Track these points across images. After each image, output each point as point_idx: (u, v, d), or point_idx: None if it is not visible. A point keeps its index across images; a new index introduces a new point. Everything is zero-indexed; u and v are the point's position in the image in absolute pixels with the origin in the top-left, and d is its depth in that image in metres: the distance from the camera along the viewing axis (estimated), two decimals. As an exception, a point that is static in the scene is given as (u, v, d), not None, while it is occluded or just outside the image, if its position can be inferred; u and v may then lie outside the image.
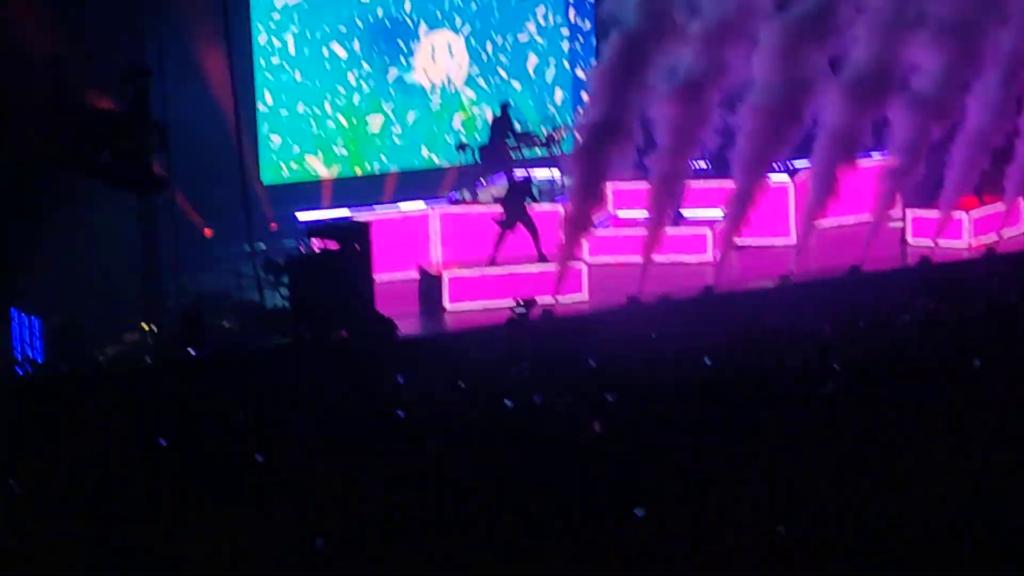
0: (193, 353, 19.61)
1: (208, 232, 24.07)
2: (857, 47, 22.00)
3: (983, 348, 17.82)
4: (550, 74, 28.51)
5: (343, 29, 26.74)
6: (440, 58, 27.54)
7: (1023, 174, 23.89)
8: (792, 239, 24.41)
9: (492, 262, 22.60)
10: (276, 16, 26.21)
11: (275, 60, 26.26)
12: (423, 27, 27.38)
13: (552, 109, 28.31)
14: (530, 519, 12.50)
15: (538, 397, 16.84)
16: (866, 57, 21.96)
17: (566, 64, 28.57)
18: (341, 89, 26.81)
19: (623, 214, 24.92)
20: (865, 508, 12.41)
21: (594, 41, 28.33)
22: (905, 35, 22.20)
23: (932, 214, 24.22)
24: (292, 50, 26.40)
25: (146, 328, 20.53)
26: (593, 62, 27.42)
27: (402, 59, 27.28)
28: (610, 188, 23.49)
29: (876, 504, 12.49)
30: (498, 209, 23.05)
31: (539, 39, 28.40)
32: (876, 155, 24.30)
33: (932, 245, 23.91)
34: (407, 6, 27.21)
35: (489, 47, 27.99)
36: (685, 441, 14.60)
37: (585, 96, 21.52)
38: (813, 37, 21.64)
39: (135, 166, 19.94)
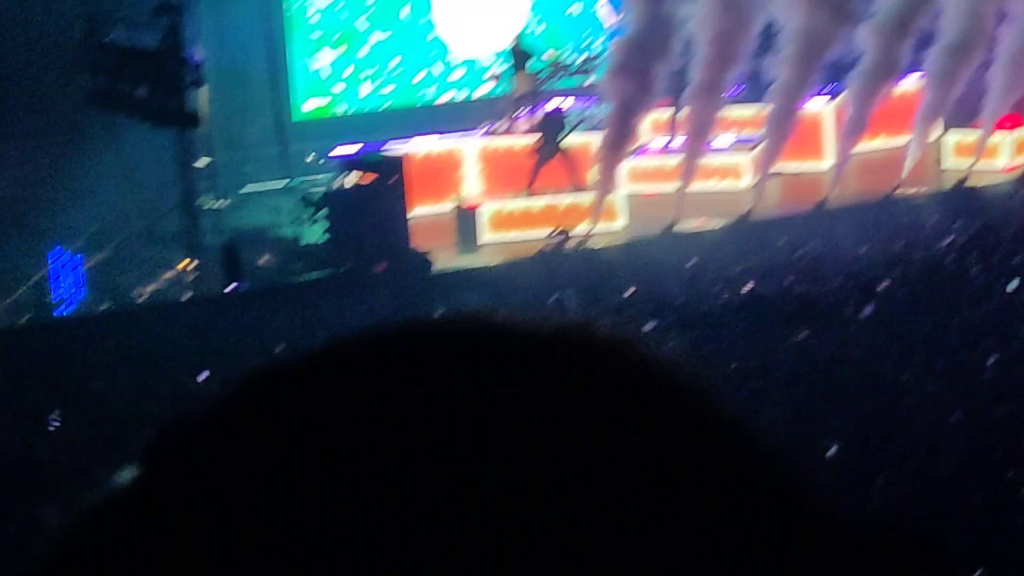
0: (232, 288, 19.68)
1: None
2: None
3: (1019, 270, 17.77)
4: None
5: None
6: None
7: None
8: (830, 164, 24.29)
9: (528, 193, 22.56)
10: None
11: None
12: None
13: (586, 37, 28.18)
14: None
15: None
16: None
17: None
18: (376, 22, 26.71)
19: (659, 142, 24.82)
20: (910, 426, 12.42)
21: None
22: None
23: (972, 135, 24.02)
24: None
25: (184, 264, 20.60)
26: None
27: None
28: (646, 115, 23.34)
29: (921, 422, 12.49)
30: (533, 141, 22.99)
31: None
32: (915, 76, 24.09)
33: (971, 166, 23.71)
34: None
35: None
36: (726, 366, 14.61)
37: (619, 23, 21.35)
38: None
39: (170, 101, 19.96)
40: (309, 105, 26.35)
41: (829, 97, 24.72)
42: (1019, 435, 12.17)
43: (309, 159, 25.01)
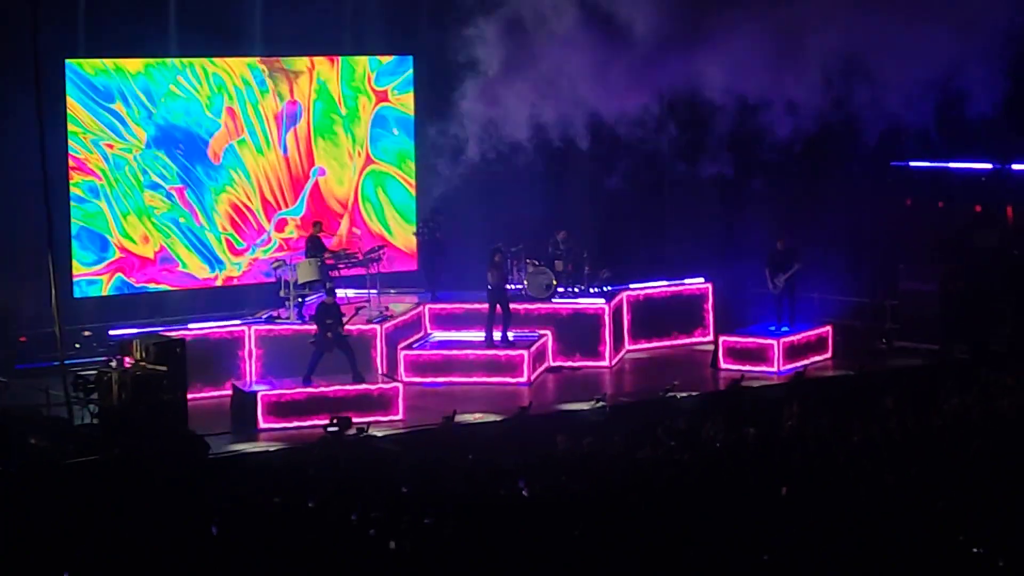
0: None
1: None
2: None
3: (790, 474, 18.08)
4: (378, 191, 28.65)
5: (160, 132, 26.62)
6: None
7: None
8: (607, 362, 24.71)
9: (307, 381, 22.44)
10: (88, 131, 25.99)
11: (88, 164, 26.01)
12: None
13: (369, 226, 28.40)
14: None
15: (354, 515, 16.71)
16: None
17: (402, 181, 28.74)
18: (158, 199, 26.59)
19: (440, 335, 25.01)
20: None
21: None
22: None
23: (743, 340, 24.70)
24: (107, 160, 26.18)
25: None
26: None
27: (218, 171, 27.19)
28: (427, 310, 23.56)
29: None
30: (313, 328, 22.95)
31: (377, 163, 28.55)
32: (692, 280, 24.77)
33: (743, 370, 24.27)
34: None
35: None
36: (502, 561, 14.58)
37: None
38: None
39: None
40: (87, 284, 26.01)
41: (605, 299, 25.21)
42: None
43: (84, 338, 24.65)
